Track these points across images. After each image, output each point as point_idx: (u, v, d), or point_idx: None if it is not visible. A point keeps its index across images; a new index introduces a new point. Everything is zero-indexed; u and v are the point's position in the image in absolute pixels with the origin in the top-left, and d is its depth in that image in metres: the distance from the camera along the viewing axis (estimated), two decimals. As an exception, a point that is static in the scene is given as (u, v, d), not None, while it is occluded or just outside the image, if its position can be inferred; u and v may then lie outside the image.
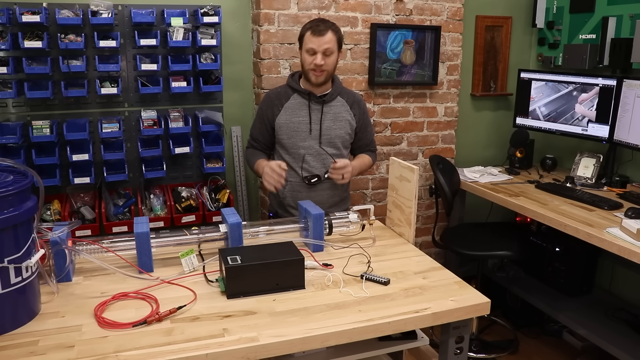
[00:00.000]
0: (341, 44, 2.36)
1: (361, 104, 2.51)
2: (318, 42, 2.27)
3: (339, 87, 2.46)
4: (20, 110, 2.68)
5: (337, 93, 2.44)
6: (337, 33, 2.32)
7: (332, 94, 2.41)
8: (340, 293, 1.63)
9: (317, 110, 2.39)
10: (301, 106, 2.39)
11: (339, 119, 2.42)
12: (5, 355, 1.28)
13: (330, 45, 2.28)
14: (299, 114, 2.39)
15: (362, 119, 2.49)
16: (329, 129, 2.40)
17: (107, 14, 2.60)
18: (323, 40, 2.27)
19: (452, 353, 1.68)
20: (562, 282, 3.05)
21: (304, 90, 2.39)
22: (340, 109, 2.43)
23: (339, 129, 2.41)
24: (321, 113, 2.39)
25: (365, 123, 2.53)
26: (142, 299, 1.56)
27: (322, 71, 2.31)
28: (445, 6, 3.25)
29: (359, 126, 2.49)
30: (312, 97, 2.38)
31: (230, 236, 1.82)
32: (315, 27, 2.28)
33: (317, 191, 2.41)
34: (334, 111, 2.41)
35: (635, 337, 2.66)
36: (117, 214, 2.72)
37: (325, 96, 2.40)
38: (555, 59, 3.42)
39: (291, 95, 2.40)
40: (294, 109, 2.39)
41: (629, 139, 2.84)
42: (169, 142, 2.80)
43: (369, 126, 2.57)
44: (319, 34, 2.27)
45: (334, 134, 2.41)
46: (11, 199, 1.36)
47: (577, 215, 2.53)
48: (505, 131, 3.58)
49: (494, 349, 3.05)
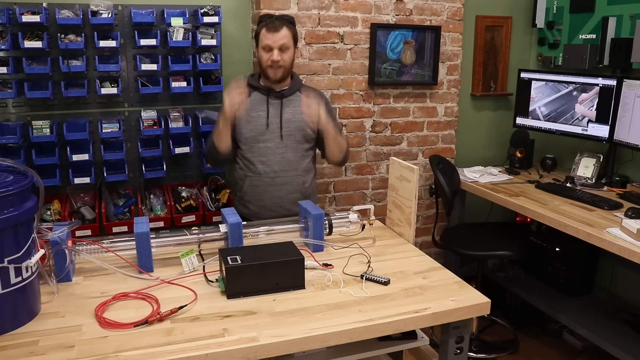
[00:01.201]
0: (297, 39, 2.39)
1: (322, 98, 2.48)
2: (273, 38, 2.29)
3: (299, 83, 2.49)
4: (20, 110, 2.68)
5: (297, 88, 2.46)
6: (292, 28, 2.35)
7: (292, 88, 2.44)
8: (340, 293, 1.63)
9: (277, 105, 2.40)
10: (260, 102, 2.41)
11: (299, 112, 2.41)
12: (6, 355, 1.28)
13: (285, 41, 2.30)
14: (258, 109, 2.40)
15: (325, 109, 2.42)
16: (289, 122, 2.40)
17: (107, 14, 2.59)
18: (278, 36, 2.29)
19: (452, 353, 1.68)
20: (562, 282, 3.05)
21: (263, 86, 2.42)
22: (299, 103, 2.42)
23: (299, 121, 2.41)
24: (280, 107, 2.40)
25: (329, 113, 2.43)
26: (142, 299, 1.56)
27: (280, 67, 2.33)
28: (445, 6, 3.25)
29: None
30: (271, 92, 2.41)
31: (230, 236, 1.82)
32: (270, 24, 2.30)
33: (275, 186, 2.41)
34: (294, 104, 2.42)
35: (635, 337, 2.66)
36: (117, 214, 2.72)
37: (285, 90, 2.42)
38: (555, 59, 3.42)
39: (251, 92, 2.42)
40: (253, 104, 2.41)
41: (629, 139, 2.84)
42: (169, 142, 2.80)
43: (333, 119, 2.48)
44: (274, 29, 2.29)
45: (294, 127, 2.41)
46: (11, 199, 1.36)
47: (577, 215, 2.53)
48: (505, 131, 3.58)
49: (494, 349, 3.05)
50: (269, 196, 2.42)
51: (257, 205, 2.45)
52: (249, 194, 2.46)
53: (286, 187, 2.43)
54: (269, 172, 2.41)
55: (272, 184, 2.42)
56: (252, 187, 2.44)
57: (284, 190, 2.42)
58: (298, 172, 2.44)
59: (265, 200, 2.43)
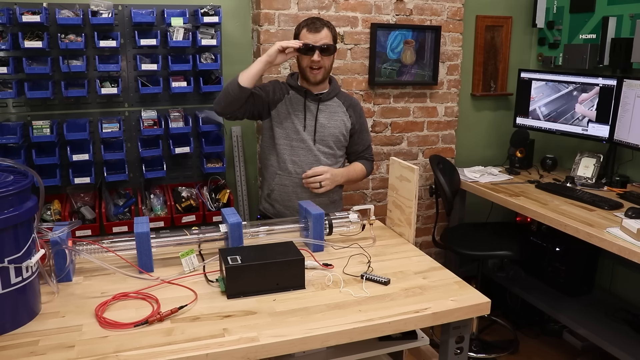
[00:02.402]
0: (336, 41, 2.36)
1: (357, 108, 2.49)
2: (314, 38, 2.26)
3: (337, 88, 2.46)
4: (20, 110, 2.68)
5: (334, 94, 2.44)
6: (332, 30, 2.33)
7: (329, 93, 2.42)
8: (341, 293, 1.63)
9: (313, 108, 2.39)
10: (298, 102, 2.39)
11: (334, 118, 2.41)
12: (6, 355, 1.28)
13: (327, 41, 2.28)
14: (296, 108, 2.38)
15: (358, 122, 2.47)
16: (323, 127, 2.39)
17: (107, 14, 2.60)
18: (319, 37, 2.26)
19: (452, 353, 1.68)
20: (562, 282, 3.05)
21: (301, 87, 2.39)
22: (336, 109, 2.42)
23: (333, 127, 2.40)
24: (317, 110, 2.38)
25: (362, 127, 2.51)
26: (142, 299, 1.56)
27: (320, 68, 2.30)
28: (446, 6, 3.25)
29: (355, 129, 2.47)
30: (309, 95, 2.38)
31: (230, 236, 1.82)
32: (312, 24, 2.28)
33: (304, 187, 2.37)
34: (330, 110, 2.41)
35: (635, 337, 2.66)
36: (117, 214, 2.72)
37: (322, 94, 2.40)
38: (555, 59, 3.42)
39: (289, 91, 2.41)
40: (292, 103, 2.39)
41: (629, 138, 2.84)
42: (169, 142, 2.80)
43: (365, 132, 2.54)
44: (315, 30, 2.27)
45: (327, 132, 2.39)
46: (11, 199, 1.36)
47: (578, 215, 2.53)
48: (506, 131, 3.58)
49: (494, 349, 3.05)
50: (297, 197, 2.36)
51: (284, 205, 2.41)
52: (276, 192, 2.42)
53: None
54: (300, 172, 2.37)
55: (301, 185, 2.38)
56: (281, 186, 2.40)
57: (312, 194, 2.36)
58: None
59: (292, 200, 2.38)
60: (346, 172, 2.46)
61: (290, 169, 2.38)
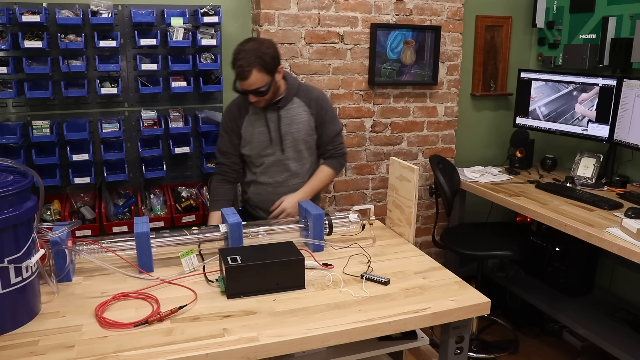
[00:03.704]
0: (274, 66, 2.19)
1: (319, 101, 2.39)
2: (244, 84, 2.17)
3: (294, 88, 2.36)
4: (20, 110, 2.68)
5: (293, 94, 2.36)
6: (263, 66, 2.13)
7: (286, 97, 2.33)
8: (340, 293, 1.63)
9: (274, 118, 2.34)
10: (259, 118, 2.35)
11: (297, 121, 2.35)
12: (6, 355, 1.28)
13: (257, 85, 2.16)
14: (258, 124, 2.35)
15: (319, 114, 2.38)
16: (288, 134, 2.35)
17: (107, 14, 2.60)
18: (248, 83, 2.16)
19: (452, 353, 1.68)
20: (562, 282, 3.05)
21: None
22: (297, 110, 2.36)
23: (297, 131, 2.35)
24: (278, 119, 2.34)
25: (325, 118, 2.40)
26: (142, 299, 1.56)
27: (261, 100, 2.24)
28: (445, 6, 3.25)
29: (318, 122, 2.39)
30: (268, 106, 2.32)
31: (230, 236, 1.82)
32: (240, 71, 2.15)
33: (278, 195, 2.39)
34: (292, 114, 2.35)
35: (635, 337, 2.66)
36: (117, 214, 2.72)
37: (280, 101, 2.32)
38: (555, 59, 3.42)
39: (249, 105, 2.34)
40: (253, 121, 2.35)
41: (629, 138, 2.84)
42: (169, 142, 2.80)
43: (329, 122, 2.42)
44: (243, 78, 2.15)
45: (293, 138, 2.36)
46: (11, 199, 1.36)
47: (577, 215, 2.53)
48: (505, 131, 3.58)
49: (494, 349, 3.05)
50: (272, 203, 2.39)
51: (263, 210, 2.46)
52: (253, 199, 2.48)
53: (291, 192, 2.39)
54: (273, 182, 2.41)
55: (276, 193, 2.40)
56: (257, 195, 2.46)
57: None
58: (300, 179, 2.43)
59: (267, 204, 2.42)
60: (310, 188, 2.40)
61: (263, 180, 2.42)
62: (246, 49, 2.16)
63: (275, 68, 2.22)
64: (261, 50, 2.15)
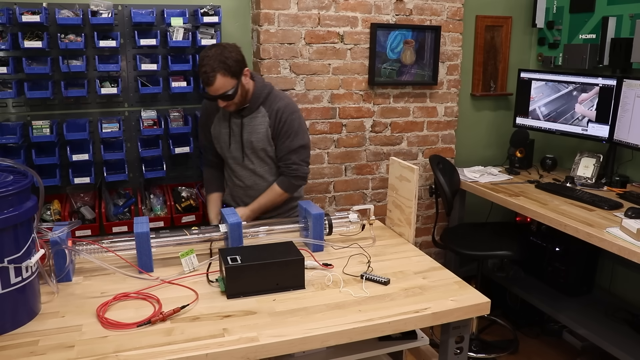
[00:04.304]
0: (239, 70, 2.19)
1: (279, 113, 2.30)
2: (210, 90, 2.19)
3: (261, 97, 2.31)
4: (20, 110, 2.68)
5: (259, 104, 2.32)
6: (228, 69, 2.14)
7: (251, 107, 2.32)
8: (340, 293, 1.63)
9: (238, 123, 2.35)
10: (224, 119, 2.39)
11: (257, 131, 2.33)
12: (6, 355, 1.28)
13: (223, 90, 2.17)
14: (224, 125, 2.40)
15: (277, 128, 2.31)
16: (248, 142, 2.34)
17: (107, 14, 2.59)
18: (214, 88, 2.17)
19: (452, 353, 1.68)
20: (562, 282, 3.05)
21: None
22: (259, 120, 2.33)
23: (257, 140, 2.33)
24: (241, 126, 2.34)
25: (282, 133, 2.31)
26: (143, 299, 1.56)
27: (229, 105, 2.24)
28: (445, 6, 3.25)
29: (275, 134, 2.33)
30: (232, 113, 2.33)
31: (230, 236, 1.82)
32: (205, 77, 2.15)
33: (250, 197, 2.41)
34: (254, 123, 2.33)
35: (635, 337, 2.66)
36: (117, 214, 2.72)
37: (244, 111, 2.32)
38: (555, 59, 3.42)
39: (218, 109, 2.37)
40: (221, 121, 2.41)
41: (629, 138, 2.84)
42: (169, 142, 2.80)
43: (285, 138, 2.32)
44: (208, 83, 2.16)
45: (253, 147, 2.34)
46: (11, 199, 1.36)
47: (577, 215, 2.53)
48: (505, 131, 3.58)
49: (494, 349, 3.05)
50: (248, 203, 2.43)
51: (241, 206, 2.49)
52: (229, 198, 2.53)
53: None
54: (243, 185, 2.44)
55: (247, 195, 2.44)
56: (232, 196, 2.51)
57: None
58: (270, 183, 2.40)
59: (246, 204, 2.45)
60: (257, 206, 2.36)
61: (235, 181, 2.46)
62: (209, 55, 2.16)
63: (240, 71, 2.21)
64: (224, 55, 2.16)
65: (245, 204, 2.43)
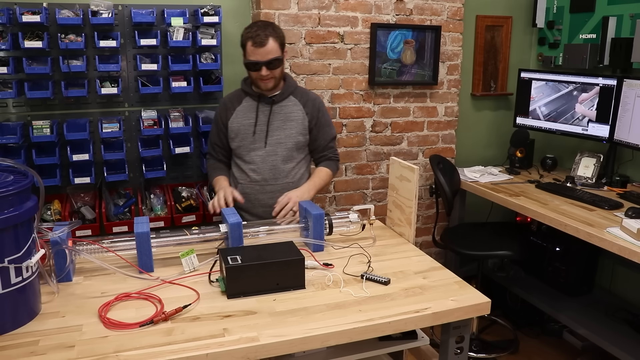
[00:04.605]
0: (284, 45, 2.28)
1: (315, 102, 2.41)
2: (259, 53, 2.18)
3: (292, 86, 2.38)
4: (20, 110, 2.68)
5: (290, 92, 2.36)
6: (279, 38, 2.23)
7: (283, 93, 2.34)
8: (341, 293, 1.63)
9: (266, 111, 2.33)
10: (250, 108, 2.35)
11: (290, 119, 2.34)
12: (6, 355, 1.28)
13: (272, 55, 2.20)
14: (249, 116, 2.34)
15: (316, 117, 2.39)
16: (278, 129, 2.33)
17: (107, 14, 2.60)
18: (264, 51, 2.18)
19: (452, 353, 1.68)
20: (563, 282, 3.05)
21: (254, 92, 2.34)
22: (292, 108, 2.35)
23: (289, 129, 2.34)
24: (269, 114, 2.33)
25: (321, 122, 2.41)
26: (145, 299, 1.56)
27: (271, 78, 2.26)
28: (446, 6, 3.25)
29: (313, 124, 2.39)
30: (262, 99, 2.33)
31: (231, 236, 1.82)
32: (256, 37, 2.18)
33: (266, 193, 2.37)
34: (285, 111, 2.34)
35: (635, 337, 2.66)
36: (118, 214, 2.72)
37: (275, 96, 2.33)
38: (555, 59, 3.42)
39: (243, 98, 2.37)
40: (245, 112, 2.35)
41: (629, 138, 2.84)
42: (169, 142, 2.80)
43: (326, 125, 2.44)
44: (260, 44, 2.17)
45: (284, 134, 2.34)
46: (11, 199, 1.36)
47: (578, 215, 2.53)
48: (506, 131, 3.58)
49: (494, 349, 3.05)
50: (260, 204, 2.37)
51: (249, 213, 2.41)
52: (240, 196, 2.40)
53: (277, 194, 2.30)
54: (260, 180, 2.37)
55: (263, 192, 2.37)
56: (243, 195, 2.35)
57: (275, 199, 2.28)
58: (289, 180, 2.38)
59: (256, 207, 2.39)
60: (312, 184, 2.36)
61: (251, 176, 2.37)
62: (258, 23, 2.24)
63: (284, 47, 2.28)
64: (274, 25, 2.26)
65: (260, 201, 2.36)
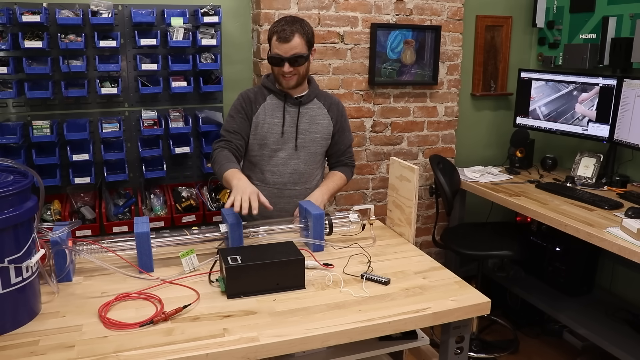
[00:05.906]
0: (312, 43, 2.18)
1: (339, 107, 2.34)
2: (284, 48, 2.09)
3: (316, 90, 2.30)
4: (20, 110, 2.68)
5: (314, 95, 2.28)
6: (305, 35, 2.12)
7: (309, 95, 2.26)
8: (341, 293, 1.63)
9: (293, 113, 2.23)
10: (277, 107, 2.23)
11: (315, 122, 2.26)
12: (6, 355, 1.28)
13: (297, 51, 2.09)
14: (275, 115, 2.22)
15: (339, 122, 2.33)
16: (304, 132, 2.25)
17: (107, 14, 2.60)
18: (289, 47, 2.08)
19: (452, 353, 1.68)
20: (563, 281, 3.05)
21: (280, 91, 2.22)
22: (317, 112, 2.27)
23: (315, 132, 2.26)
24: (298, 115, 2.24)
25: (343, 126, 2.36)
26: (145, 299, 1.56)
27: (294, 75, 2.15)
28: (446, 6, 3.25)
29: (336, 129, 2.33)
30: (288, 98, 2.22)
31: (230, 236, 1.82)
32: (282, 32, 2.08)
33: (283, 198, 2.26)
34: (311, 114, 2.26)
35: (635, 337, 2.65)
36: (118, 214, 2.72)
37: (302, 97, 2.24)
38: (555, 59, 3.42)
39: (267, 95, 2.24)
40: (271, 110, 2.23)
41: (629, 138, 2.84)
42: (169, 142, 2.80)
43: (346, 130, 2.39)
44: (285, 40, 2.08)
45: (310, 138, 2.26)
46: (11, 199, 1.36)
47: (578, 215, 2.53)
48: (506, 131, 3.58)
49: (495, 349, 3.05)
50: (276, 208, 2.21)
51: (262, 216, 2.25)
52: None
53: (294, 200, 2.24)
54: (278, 183, 2.26)
55: (280, 196, 2.26)
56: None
57: (292, 204, 2.24)
58: (308, 185, 2.30)
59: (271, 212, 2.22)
60: (326, 189, 2.29)
61: (269, 179, 2.26)
62: (287, 18, 2.15)
63: (312, 46, 2.18)
64: (303, 22, 2.16)
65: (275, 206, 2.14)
